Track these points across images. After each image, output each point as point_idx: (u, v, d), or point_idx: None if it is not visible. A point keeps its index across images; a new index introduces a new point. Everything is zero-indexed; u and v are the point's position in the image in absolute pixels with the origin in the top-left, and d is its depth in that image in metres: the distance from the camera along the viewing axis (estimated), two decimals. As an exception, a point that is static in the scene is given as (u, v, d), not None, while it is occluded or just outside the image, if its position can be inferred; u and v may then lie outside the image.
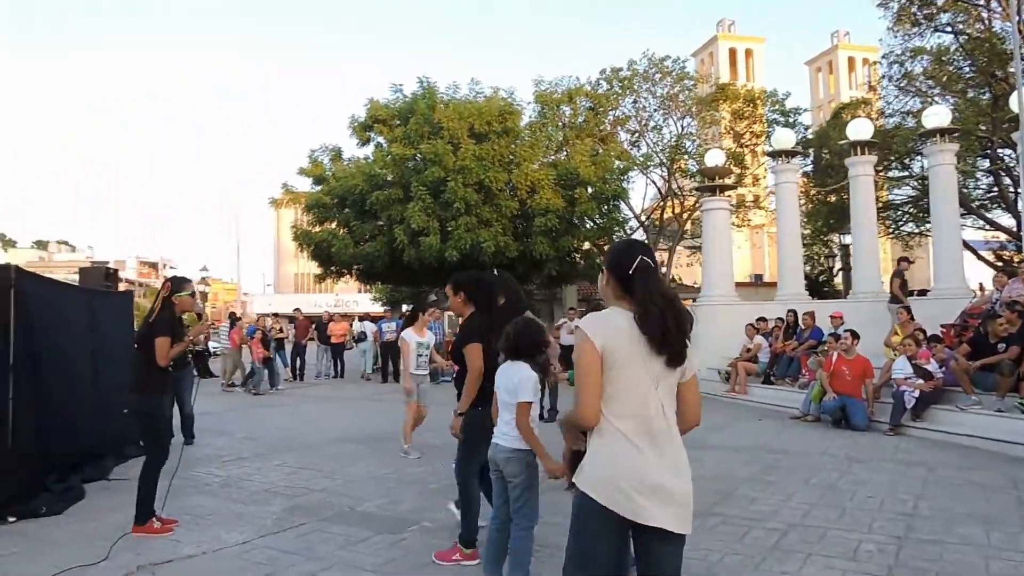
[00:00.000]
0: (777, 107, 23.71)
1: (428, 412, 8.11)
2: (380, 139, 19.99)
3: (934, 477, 6.67)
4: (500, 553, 3.89)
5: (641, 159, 22.56)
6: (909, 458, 7.58)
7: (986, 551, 4.54)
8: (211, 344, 19.70)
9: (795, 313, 12.81)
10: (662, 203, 24.16)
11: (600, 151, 19.19)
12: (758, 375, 12.83)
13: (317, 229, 20.04)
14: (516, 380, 3.79)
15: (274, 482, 6.63)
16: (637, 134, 23.82)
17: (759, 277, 36.90)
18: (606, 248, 23.23)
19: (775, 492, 6.13)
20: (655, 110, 23.79)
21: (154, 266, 71.35)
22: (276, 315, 19.31)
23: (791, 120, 23.61)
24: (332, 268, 20.83)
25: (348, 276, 22.42)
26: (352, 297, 48.37)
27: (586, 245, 22.49)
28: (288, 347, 18.02)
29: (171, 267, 75.87)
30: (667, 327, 2.36)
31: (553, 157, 20.45)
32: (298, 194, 20.81)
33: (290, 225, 20.93)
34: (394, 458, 7.62)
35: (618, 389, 2.37)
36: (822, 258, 28.39)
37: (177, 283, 5.17)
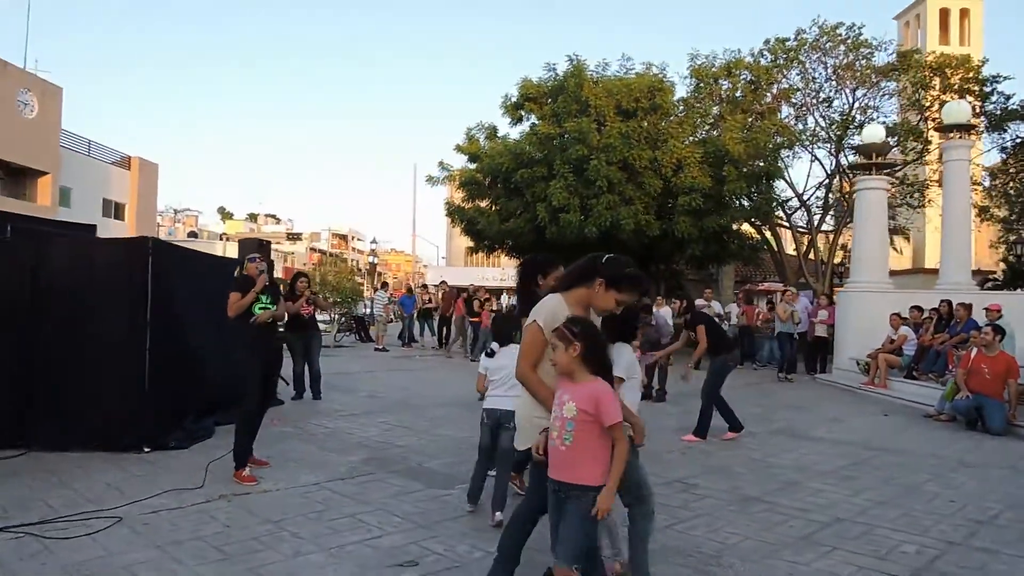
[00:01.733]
0: (971, 75, 21.16)
1: None
2: (532, 118, 20.43)
3: (1046, 488, 6.03)
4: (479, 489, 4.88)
5: (804, 135, 21.18)
6: (1032, 467, 6.85)
7: (1042, 567, 4.16)
8: (370, 310, 21.45)
9: (949, 304, 11.69)
10: (828, 181, 22.58)
11: (755, 126, 18.27)
12: (902, 369, 11.89)
13: (469, 205, 20.93)
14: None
15: (369, 436, 7.35)
16: (804, 108, 22.36)
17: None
18: (762, 228, 22.25)
19: (845, 488, 5.87)
20: (826, 81, 22.20)
21: (344, 238, 77.59)
22: (424, 286, 20.51)
23: (987, 90, 20.99)
24: (485, 243, 21.69)
25: (500, 251, 23.21)
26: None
27: (740, 225, 21.68)
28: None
29: (359, 239, 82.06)
30: None
31: (705, 134, 19.80)
32: (452, 172, 21.76)
33: (444, 201, 21.98)
34: (485, 424, 8.09)
35: None
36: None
37: (243, 257, 6.22)
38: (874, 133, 14.34)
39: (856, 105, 21.63)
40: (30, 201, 34.60)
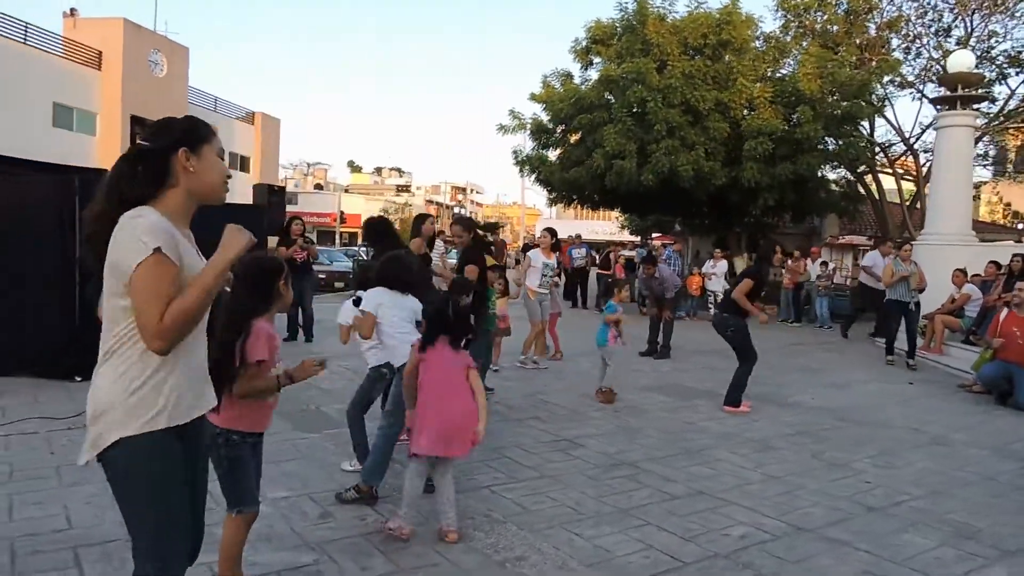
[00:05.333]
0: None
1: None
2: (601, 61, 19.44)
3: (1011, 474, 5.03)
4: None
5: (910, 68, 18.82)
6: (1021, 450, 5.75)
7: (879, 565, 3.44)
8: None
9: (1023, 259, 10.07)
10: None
11: (833, 60, 16.28)
12: (963, 332, 10.43)
13: (537, 155, 20.31)
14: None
15: (317, 382, 7.27)
16: (916, 39, 19.80)
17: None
18: (862, 175, 20.11)
19: (753, 460, 5.18)
20: (950, 9, 19.52)
21: (462, 190, 78.65)
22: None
23: None
24: (555, 194, 21.05)
25: (577, 202, 22.44)
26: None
27: (832, 173, 19.83)
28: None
29: (477, 191, 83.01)
30: None
31: (788, 71, 17.98)
32: (523, 120, 21.12)
33: (511, 150, 21.48)
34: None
35: None
36: None
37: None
38: (960, 61, 12.39)
39: (977, 33, 18.91)
40: (163, 155, 37.53)
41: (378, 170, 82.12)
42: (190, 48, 38.36)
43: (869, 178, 21.13)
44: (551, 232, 9.90)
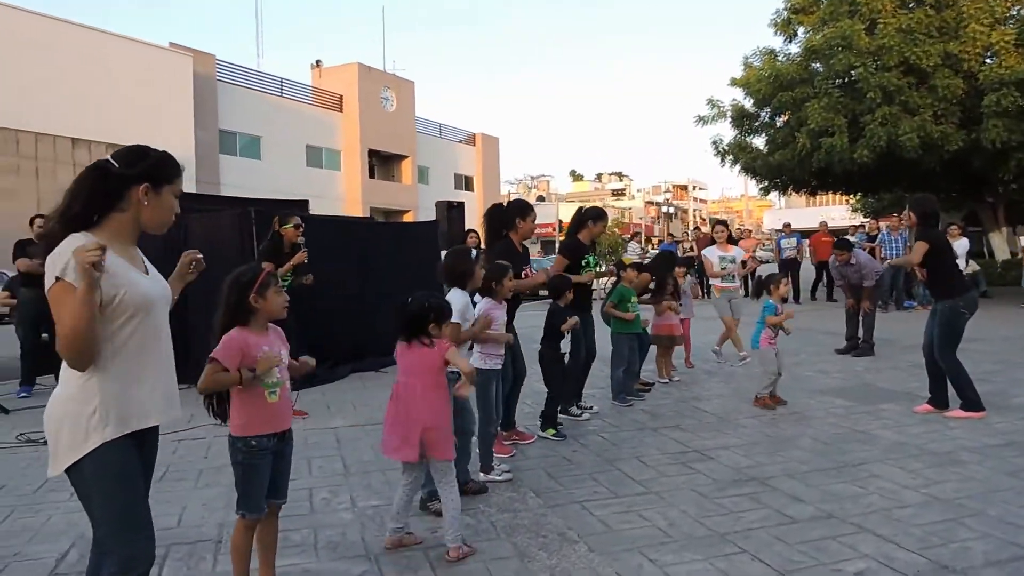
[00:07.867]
0: None
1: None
2: (805, 32, 17.79)
3: None
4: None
5: None
6: None
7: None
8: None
9: None
10: None
11: None
12: None
13: (736, 142, 19.04)
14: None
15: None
16: None
17: None
18: None
19: (930, 476, 4.29)
20: None
21: (684, 188, 76.30)
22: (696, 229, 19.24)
23: None
24: (772, 181, 19.57)
25: (792, 188, 20.75)
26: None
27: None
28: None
29: (700, 188, 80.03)
30: None
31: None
32: (723, 108, 19.93)
33: (711, 140, 20.30)
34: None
35: None
36: None
37: (283, 218, 6.15)
38: None
39: None
40: (397, 181, 41.17)
41: (598, 176, 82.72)
42: (415, 82, 41.42)
43: None
44: (724, 224, 9.32)
